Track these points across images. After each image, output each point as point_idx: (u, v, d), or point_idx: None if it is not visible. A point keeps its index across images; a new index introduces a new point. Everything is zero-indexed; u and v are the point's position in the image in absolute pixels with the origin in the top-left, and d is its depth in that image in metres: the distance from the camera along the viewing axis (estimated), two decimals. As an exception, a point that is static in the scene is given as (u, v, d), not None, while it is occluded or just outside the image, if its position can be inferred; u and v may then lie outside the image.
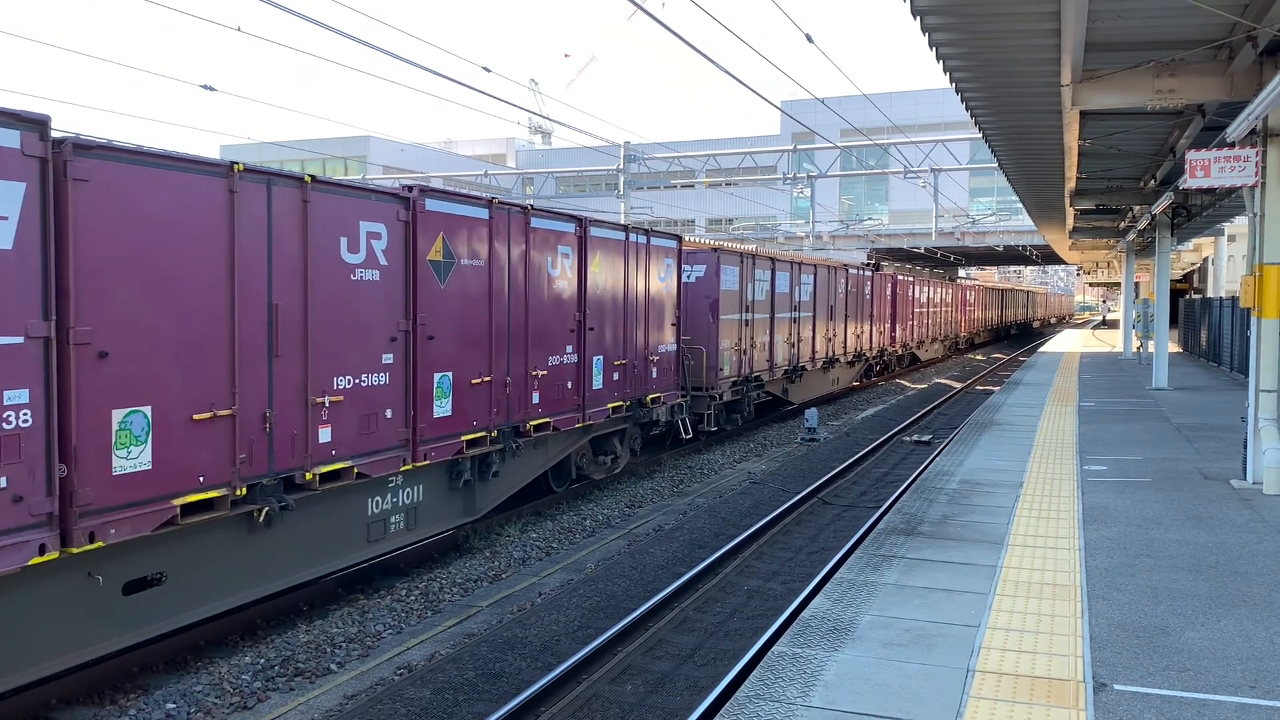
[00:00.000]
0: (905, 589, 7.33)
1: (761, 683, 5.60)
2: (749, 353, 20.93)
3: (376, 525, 10.10)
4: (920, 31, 9.79)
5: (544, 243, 12.68)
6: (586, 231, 13.74)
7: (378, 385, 9.75)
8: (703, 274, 19.22)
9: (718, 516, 13.51)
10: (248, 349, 8.25)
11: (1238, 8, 9.39)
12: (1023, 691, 5.44)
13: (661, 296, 16.39)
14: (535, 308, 12.49)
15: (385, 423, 9.86)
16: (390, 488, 10.30)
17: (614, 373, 14.69)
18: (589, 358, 13.88)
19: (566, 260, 13.29)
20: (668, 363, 16.61)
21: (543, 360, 12.72)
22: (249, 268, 8.25)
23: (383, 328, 9.81)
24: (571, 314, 13.44)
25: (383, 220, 9.77)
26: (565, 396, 13.31)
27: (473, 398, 11.25)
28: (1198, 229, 33.19)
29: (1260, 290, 10.79)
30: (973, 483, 11.40)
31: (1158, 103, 11.43)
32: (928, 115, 65.53)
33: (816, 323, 25.92)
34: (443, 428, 10.72)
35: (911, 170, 39.38)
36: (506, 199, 11.98)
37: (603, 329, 14.32)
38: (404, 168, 62.15)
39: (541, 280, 12.67)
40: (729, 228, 66.79)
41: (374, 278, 9.68)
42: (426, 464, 10.51)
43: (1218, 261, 45.99)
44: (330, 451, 9.15)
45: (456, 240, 10.88)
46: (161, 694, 7.66)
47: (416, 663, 8.33)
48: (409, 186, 10.29)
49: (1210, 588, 7.31)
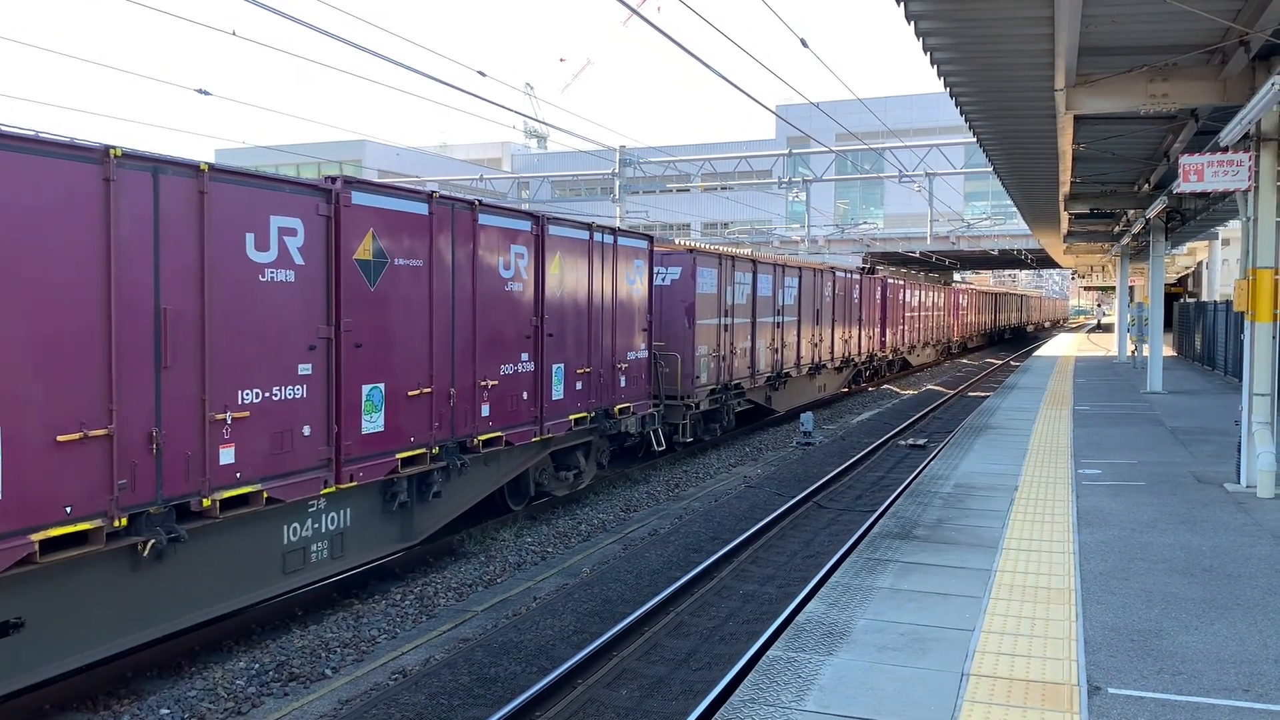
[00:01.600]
0: (900, 593, 7.33)
1: (757, 687, 5.60)
2: (728, 359, 20.20)
3: (294, 555, 9.15)
4: (915, 36, 9.82)
5: (495, 241, 11.78)
6: (544, 230, 12.83)
7: (293, 399, 8.81)
8: (678, 276, 18.47)
9: (713, 521, 13.50)
10: (129, 360, 7.31)
11: (1230, 13, 9.42)
12: (1017, 695, 5.45)
13: (631, 300, 15.54)
14: (485, 312, 11.60)
15: (302, 441, 8.94)
16: (310, 513, 9.36)
17: (577, 382, 13.85)
18: (548, 366, 13.00)
19: (521, 261, 12.35)
20: (638, 371, 15.81)
21: (494, 369, 11.80)
22: (130, 267, 7.33)
23: (299, 335, 8.87)
24: (528, 319, 12.53)
25: (299, 215, 8.84)
26: (520, 408, 12.39)
27: (410, 411, 10.34)
28: (1192, 233, 33.27)
29: (1254, 294, 10.82)
30: (968, 487, 11.41)
31: (1151, 107, 11.46)
32: (922, 119, 65.65)
33: (801, 327, 25.18)
34: (373, 445, 9.81)
35: (906, 174, 39.45)
36: (449, 194, 11.11)
37: (564, 335, 13.46)
38: (399, 172, 62.16)
39: (492, 282, 11.75)
40: (724, 232, 66.84)
41: (287, 279, 8.73)
42: (353, 485, 9.58)
43: (1212, 265, 46.08)
44: (234, 474, 8.23)
45: (390, 238, 9.99)
46: (156, 699, 7.65)
47: (411, 667, 8.32)
48: (331, 178, 9.32)
49: (1204, 591, 7.32)
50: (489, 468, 12.11)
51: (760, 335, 22.10)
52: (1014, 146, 16.38)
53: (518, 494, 13.48)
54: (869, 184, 68.72)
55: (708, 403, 19.37)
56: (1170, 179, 18.67)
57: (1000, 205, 60.34)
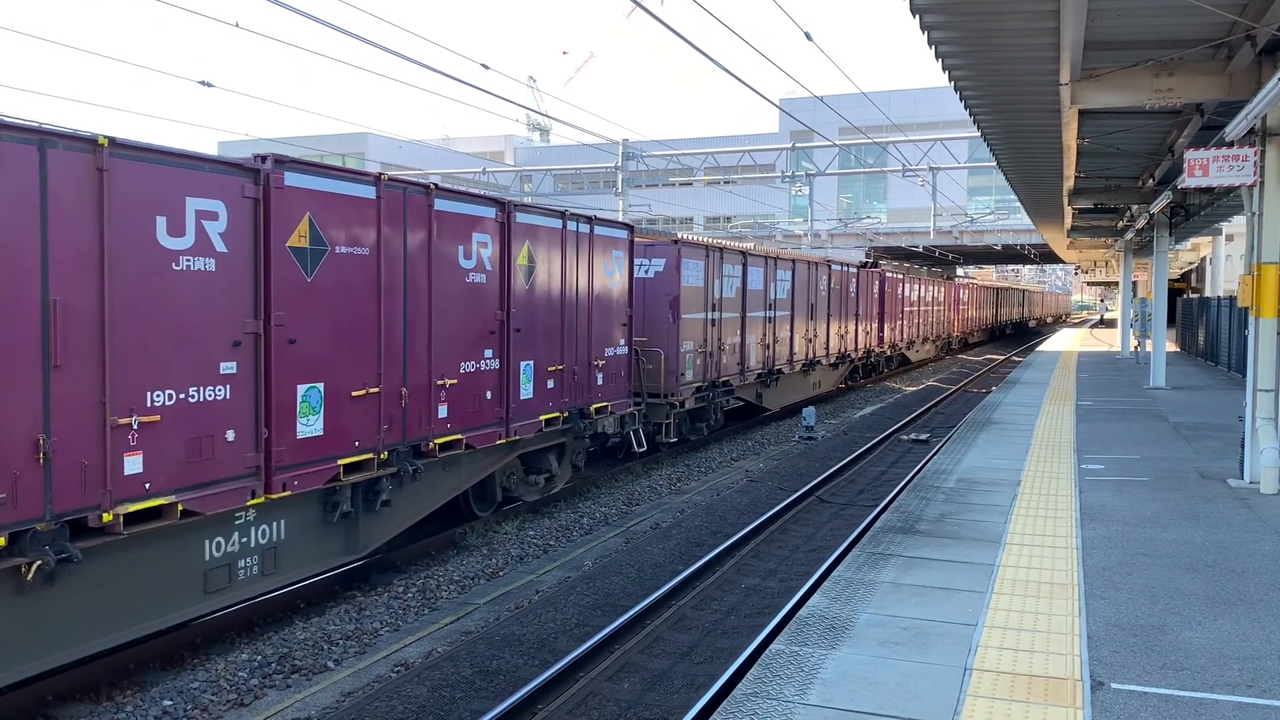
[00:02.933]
0: (903, 587, 7.33)
1: (759, 680, 5.60)
2: (716, 355, 19.36)
3: (218, 572, 8.30)
4: (919, 30, 9.79)
5: (454, 229, 10.89)
6: (511, 217, 11.93)
7: (214, 401, 7.94)
8: (662, 269, 17.55)
9: (715, 514, 13.51)
10: (7, 359, 6.53)
11: (1236, 7, 9.39)
12: (1020, 690, 5.45)
13: (609, 293, 14.68)
14: (442, 305, 10.71)
15: (225, 447, 8.07)
16: (238, 525, 8.51)
17: (548, 380, 12.96)
18: (515, 363, 12.11)
19: (485, 250, 11.46)
20: (617, 368, 15.00)
21: (453, 367, 10.93)
22: (8, 254, 6.55)
23: (221, 329, 8.00)
24: (492, 313, 11.66)
25: (221, 197, 7.95)
26: (483, 409, 11.50)
27: (354, 413, 9.47)
28: (1196, 228, 33.23)
29: (1258, 290, 10.80)
30: (970, 481, 11.40)
31: (1156, 102, 11.43)
32: (926, 114, 65.56)
33: (795, 322, 24.28)
34: (310, 451, 8.94)
35: (910, 169, 39.40)
36: (402, 176, 10.22)
37: (534, 330, 12.57)
38: (402, 164, 62.10)
39: (451, 273, 10.87)
40: (727, 226, 66.80)
41: (206, 267, 7.85)
42: (287, 495, 8.70)
43: (1215, 261, 46.03)
44: (142, 485, 7.36)
45: (330, 223, 9.08)
46: (159, 690, 7.66)
47: (414, 660, 8.33)
48: (261, 156, 8.43)
49: (1207, 587, 7.32)
50: (448, 473, 11.25)
51: (751, 330, 21.36)
52: (1018, 141, 16.35)
53: (483, 500, 12.70)
54: (872, 178, 68.64)
55: (693, 401, 18.62)
56: (1175, 174, 18.63)
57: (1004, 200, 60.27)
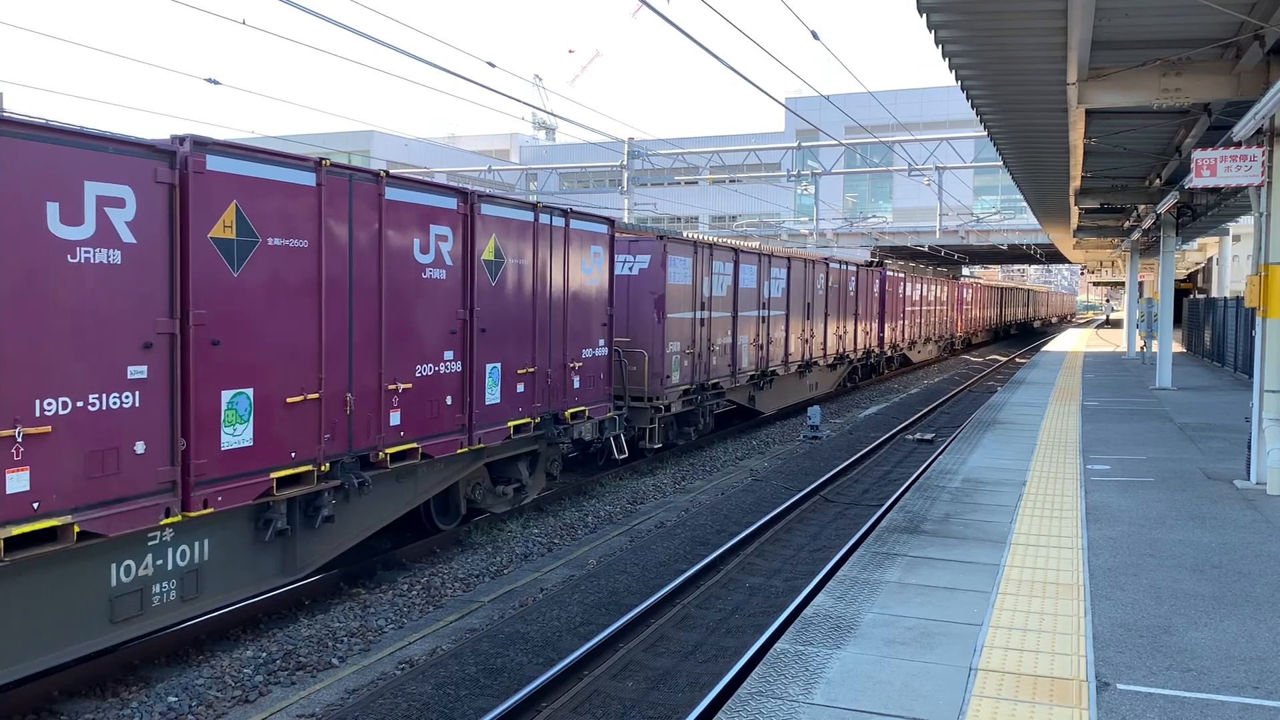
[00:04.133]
0: (908, 587, 7.32)
1: (764, 680, 5.60)
2: (705, 357, 18.44)
3: (127, 599, 7.46)
4: (926, 29, 9.78)
5: (408, 220, 10.15)
6: (474, 209, 11.14)
7: (120, 409, 7.16)
8: (646, 266, 16.69)
9: (720, 513, 13.51)
10: None
11: (1245, 6, 9.36)
12: (1025, 690, 5.44)
13: (587, 291, 13.85)
14: (395, 303, 9.98)
15: (134, 460, 7.28)
16: (151, 546, 7.67)
17: (518, 384, 12.13)
18: (479, 366, 11.32)
19: (445, 244, 10.70)
20: (596, 370, 14.15)
21: (407, 370, 10.19)
22: None
23: (129, 330, 7.24)
24: (454, 312, 10.90)
25: (128, 181, 7.21)
26: (443, 415, 10.76)
27: (290, 422, 8.67)
28: (1203, 228, 33.16)
29: (1265, 290, 10.77)
30: (976, 481, 11.39)
31: (1164, 101, 11.41)
32: (933, 113, 65.51)
33: (790, 322, 23.34)
34: (238, 463, 8.14)
35: (916, 168, 39.36)
36: (346, 163, 9.49)
37: (502, 330, 11.76)
38: (408, 162, 62.17)
39: (405, 268, 10.14)
40: (733, 224, 66.78)
41: (111, 260, 7.13)
42: (209, 513, 7.90)
43: (1222, 261, 45.92)
44: (30, 504, 6.61)
45: (261, 212, 8.34)
46: (163, 686, 7.68)
47: (418, 657, 8.34)
48: (180, 136, 7.69)
49: (1213, 588, 7.30)
50: (402, 484, 10.48)
51: (743, 330, 20.49)
52: (1025, 140, 16.32)
53: (446, 512, 11.92)
54: (878, 177, 68.60)
55: (680, 404, 17.70)
56: (1182, 174, 18.58)
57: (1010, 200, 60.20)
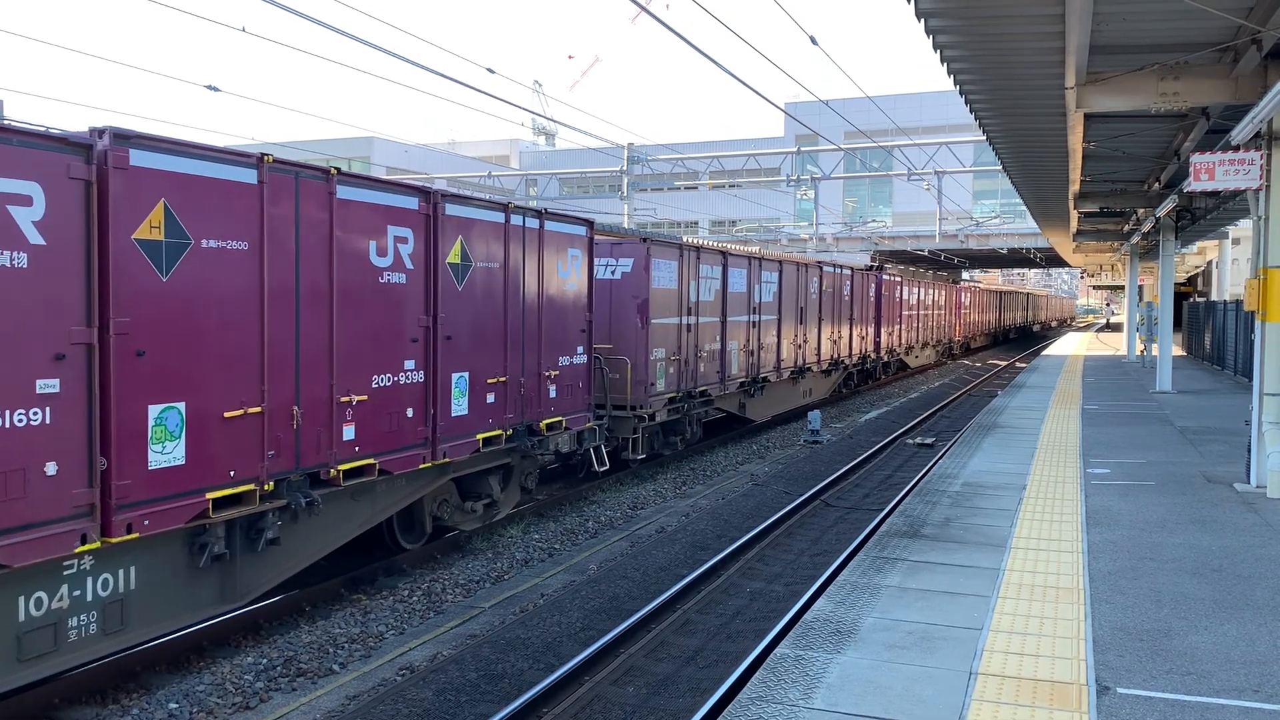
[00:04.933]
0: (908, 591, 7.33)
1: (764, 684, 5.60)
2: (691, 363, 17.81)
3: (38, 635, 6.81)
4: (924, 34, 9.80)
5: (364, 221, 9.54)
6: (438, 209, 10.52)
7: (27, 426, 6.57)
8: (629, 269, 16.06)
9: (720, 518, 13.50)
10: None
11: (1242, 11, 9.38)
12: (1025, 694, 5.44)
13: (564, 295, 13.22)
14: (348, 310, 9.35)
15: (44, 483, 6.67)
16: (67, 577, 7.03)
17: (488, 394, 11.49)
18: (444, 375, 10.71)
19: (405, 246, 10.12)
20: (574, 378, 13.55)
21: (362, 381, 9.54)
22: None
23: (37, 339, 6.65)
24: (415, 318, 10.29)
25: (36, 178, 6.62)
26: (403, 428, 10.12)
27: (229, 438, 8.05)
28: (1202, 232, 33.16)
29: (1264, 293, 10.78)
30: (976, 485, 11.39)
31: (1162, 105, 11.43)
32: (932, 117, 65.58)
33: (782, 327, 22.78)
34: (167, 483, 7.51)
35: (915, 172, 39.40)
36: (291, 160, 8.80)
37: (469, 337, 11.16)
38: (408, 168, 62.25)
39: (360, 272, 9.50)
40: (733, 229, 66.83)
41: (16, 263, 6.49)
42: (133, 538, 7.27)
43: (1222, 265, 45.94)
44: None
45: (194, 212, 7.69)
46: (164, 693, 7.68)
47: (419, 663, 8.34)
48: (99, 129, 7.17)
49: (1214, 591, 7.30)
50: (358, 503, 9.82)
51: (732, 336, 19.84)
52: (1024, 145, 16.34)
53: (412, 529, 11.27)
54: (878, 182, 68.68)
55: (666, 413, 17.02)
56: (1181, 178, 18.60)
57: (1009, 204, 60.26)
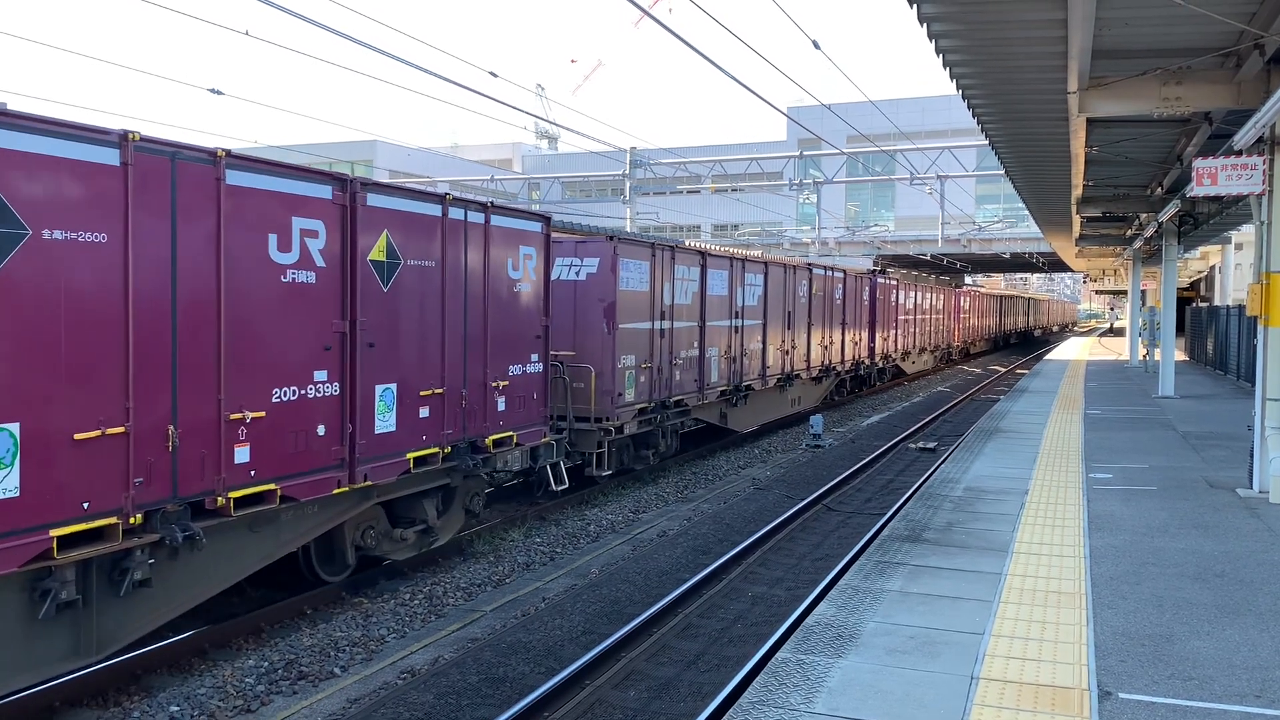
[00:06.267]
0: (910, 596, 7.32)
1: (765, 689, 5.59)
2: (665, 371, 16.65)
3: None
4: (927, 39, 9.80)
5: (261, 212, 8.27)
6: (357, 199, 9.30)
7: None
8: (595, 270, 14.99)
9: (722, 522, 13.50)
10: None
11: (1245, 16, 9.38)
12: (1027, 699, 5.43)
13: (515, 298, 12.04)
14: (240, 313, 8.08)
15: None
16: None
17: (421, 407, 10.31)
18: (365, 387, 9.49)
19: (314, 241, 8.87)
20: (528, 389, 12.31)
21: (260, 395, 8.30)
22: None
23: None
24: (327, 323, 9.04)
25: None
26: (313, 448, 8.87)
27: (81, 463, 6.87)
28: (1205, 237, 33.15)
29: (1267, 298, 10.77)
30: (978, 490, 11.38)
31: (1165, 110, 11.43)
32: (934, 122, 65.63)
33: (768, 332, 21.63)
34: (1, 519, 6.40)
35: (918, 177, 39.41)
36: (167, 140, 7.54)
37: (397, 345, 9.94)
38: (410, 172, 62.33)
39: (256, 270, 8.24)
40: (735, 233, 66.86)
41: None
42: None
43: (1225, 269, 45.90)
44: None
45: (31, 199, 6.53)
46: (165, 696, 7.68)
47: (420, 667, 8.33)
48: None
49: (1216, 596, 7.29)
50: (257, 534, 8.61)
51: (712, 341, 18.69)
52: (1026, 149, 16.34)
53: (332, 561, 10.09)
54: (880, 186, 68.70)
55: (636, 425, 15.86)
56: (1183, 182, 18.59)
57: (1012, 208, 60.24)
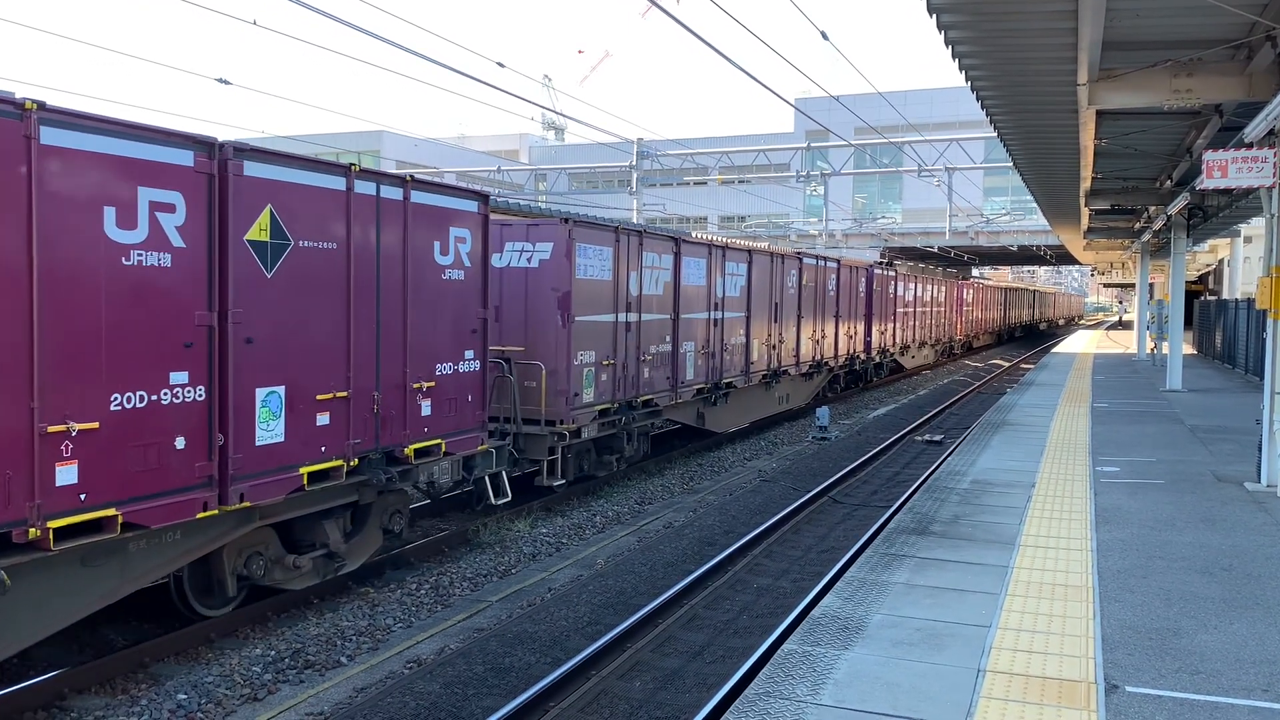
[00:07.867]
0: (916, 588, 7.31)
1: (771, 680, 5.59)
2: (632, 369, 15.23)
3: None
4: (936, 29, 9.77)
5: (94, 181, 6.88)
6: (227, 168, 7.85)
7: None
8: (548, 256, 13.51)
9: (728, 514, 13.50)
10: None
11: (1257, 7, 9.33)
12: (1034, 692, 5.43)
13: (444, 287, 10.60)
14: (61, 304, 6.73)
15: None
16: None
17: (318, 414, 8.94)
18: (242, 391, 8.09)
19: (169, 216, 7.45)
20: (460, 390, 10.89)
21: (92, 402, 6.92)
22: None
23: None
24: (189, 314, 7.64)
25: None
26: (168, 464, 7.49)
27: None
28: (1214, 230, 33.00)
29: (1276, 292, 10.73)
30: (985, 483, 11.37)
31: (1175, 102, 11.37)
32: (943, 114, 65.37)
33: (752, 325, 20.17)
34: None
35: (926, 169, 39.30)
36: None
37: (286, 341, 8.53)
38: (417, 162, 62.28)
39: (85, 251, 6.87)
40: (742, 225, 66.75)
41: None
42: None
43: (1233, 263, 45.72)
44: None
45: None
46: (173, 684, 7.71)
47: (426, 656, 8.35)
48: None
49: (1223, 590, 7.27)
50: (94, 569, 7.20)
51: (687, 336, 17.16)
52: (1035, 141, 16.29)
53: (212, 592, 8.81)
54: (888, 178, 68.48)
55: (596, 428, 14.41)
56: (1193, 175, 18.51)
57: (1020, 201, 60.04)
